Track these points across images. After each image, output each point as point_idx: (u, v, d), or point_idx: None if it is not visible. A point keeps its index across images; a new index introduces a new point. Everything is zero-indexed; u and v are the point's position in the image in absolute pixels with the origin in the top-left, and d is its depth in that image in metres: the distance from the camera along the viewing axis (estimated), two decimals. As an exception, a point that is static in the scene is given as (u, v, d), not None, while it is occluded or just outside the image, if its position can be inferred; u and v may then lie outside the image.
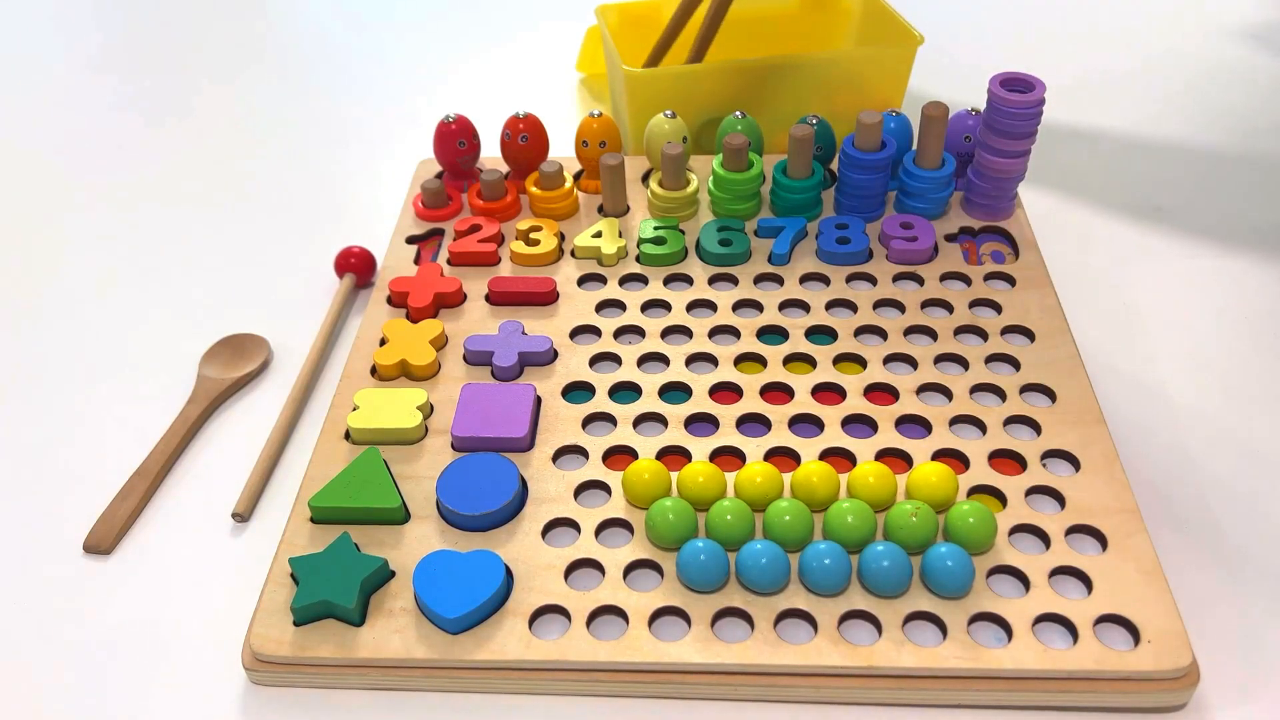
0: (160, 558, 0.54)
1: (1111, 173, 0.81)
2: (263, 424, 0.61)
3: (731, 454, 0.55)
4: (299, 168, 0.86)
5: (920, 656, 0.45)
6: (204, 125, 0.93)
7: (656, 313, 0.64)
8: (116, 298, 0.72)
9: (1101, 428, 0.55)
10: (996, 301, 0.63)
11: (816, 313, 0.63)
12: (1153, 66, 0.95)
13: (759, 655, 0.45)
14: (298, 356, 0.66)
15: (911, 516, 0.48)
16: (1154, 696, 0.45)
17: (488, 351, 0.60)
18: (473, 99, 0.94)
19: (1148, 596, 0.46)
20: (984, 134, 0.66)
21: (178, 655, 0.49)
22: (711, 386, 0.58)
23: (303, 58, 1.05)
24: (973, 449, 0.54)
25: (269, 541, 0.53)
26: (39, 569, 0.53)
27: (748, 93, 0.76)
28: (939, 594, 0.47)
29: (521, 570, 0.49)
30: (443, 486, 0.52)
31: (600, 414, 0.57)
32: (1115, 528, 0.49)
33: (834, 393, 0.58)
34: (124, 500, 0.56)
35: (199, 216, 0.80)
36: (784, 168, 0.69)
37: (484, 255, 0.68)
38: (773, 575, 0.47)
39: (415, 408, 0.56)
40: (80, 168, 0.87)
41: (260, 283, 0.73)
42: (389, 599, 0.48)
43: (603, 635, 0.47)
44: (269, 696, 0.47)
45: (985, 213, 0.69)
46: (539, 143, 0.73)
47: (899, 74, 0.77)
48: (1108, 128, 0.86)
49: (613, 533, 0.51)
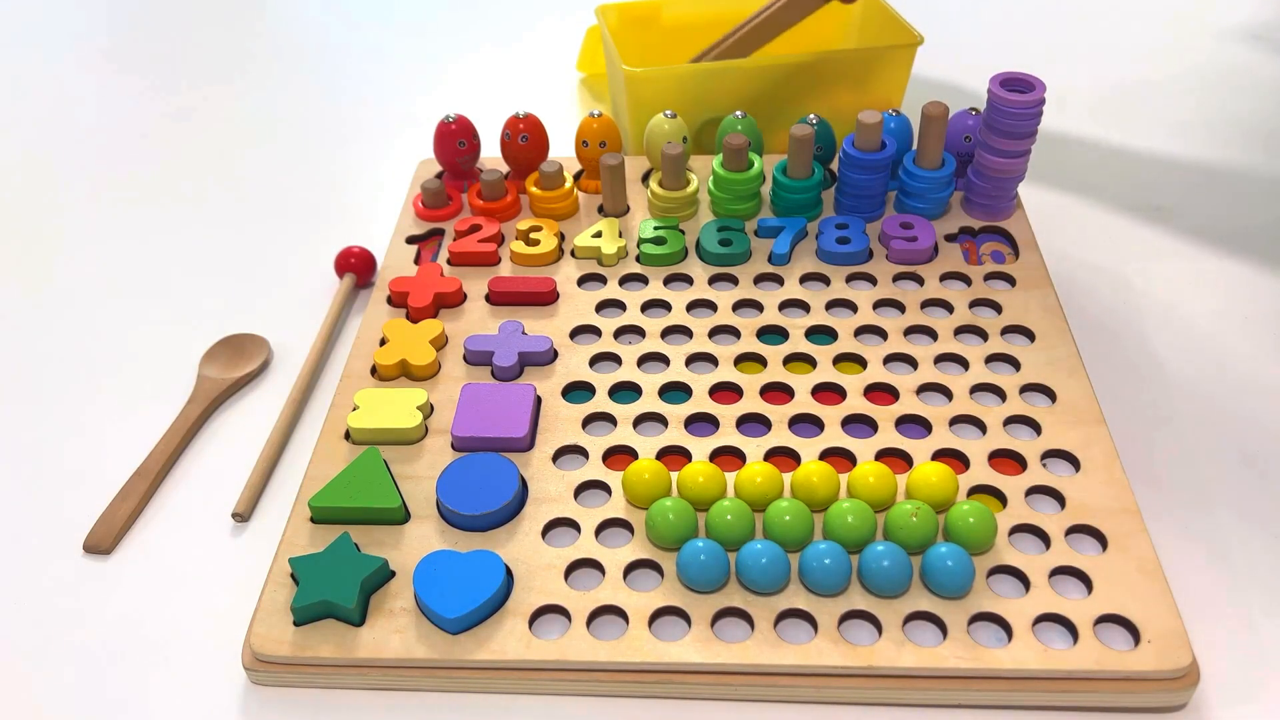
0: (160, 558, 0.54)
1: (1111, 173, 0.81)
2: (263, 424, 0.61)
3: (731, 454, 0.55)
4: (299, 168, 0.86)
5: (920, 656, 0.45)
6: (204, 125, 0.93)
7: (656, 313, 0.64)
8: (116, 298, 0.72)
9: (1101, 428, 0.55)
10: (996, 301, 0.63)
11: (816, 313, 0.63)
12: (1153, 66, 0.95)
13: (759, 655, 0.45)
14: (298, 356, 0.66)
15: (912, 516, 0.48)
16: (1154, 696, 0.45)
17: (488, 351, 0.60)
18: (473, 99, 0.94)
19: (1148, 596, 0.46)
20: (984, 134, 0.66)
21: (178, 655, 0.49)
22: (711, 386, 0.58)
23: (303, 58, 1.05)
24: (973, 449, 0.54)
25: (269, 541, 0.53)
26: (39, 569, 0.53)
27: (748, 93, 0.76)
28: (939, 594, 0.47)
29: (521, 570, 0.49)
30: (443, 486, 0.52)
31: (600, 414, 0.57)
32: (1115, 528, 0.49)
33: (834, 393, 0.58)
34: (124, 500, 0.56)
35: (199, 217, 0.80)
36: (784, 168, 0.69)
37: (484, 255, 0.68)
38: (773, 575, 0.47)
39: (415, 408, 0.56)
40: (80, 168, 0.87)
41: (260, 283, 0.73)
42: (389, 599, 0.48)
43: (603, 635, 0.47)
44: (269, 696, 0.47)
45: (985, 213, 0.69)
46: (539, 143, 0.73)
47: (899, 74, 0.77)
48: (1108, 127, 0.86)
49: (613, 533, 0.51)
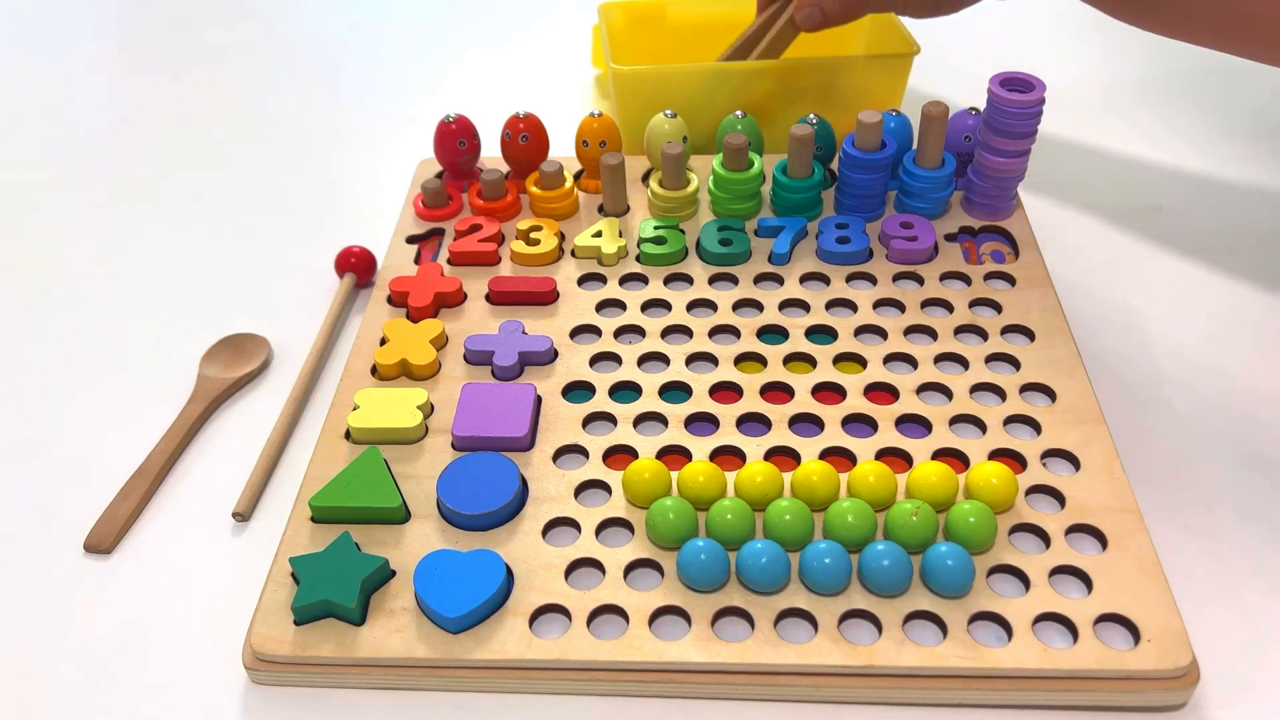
0: (160, 558, 0.54)
1: (1111, 173, 0.81)
2: (263, 424, 0.61)
3: (732, 453, 0.55)
4: (299, 167, 0.86)
5: (920, 656, 0.45)
6: (204, 124, 0.93)
7: (656, 312, 0.64)
8: (116, 298, 0.72)
9: (1101, 427, 0.55)
10: (996, 301, 0.63)
11: (816, 312, 0.63)
12: (1153, 66, 0.95)
13: (759, 655, 0.45)
14: (298, 356, 0.66)
15: (912, 516, 0.48)
16: (1154, 695, 0.45)
17: (488, 351, 0.60)
18: (473, 99, 0.94)
19: (1148, 596, 0.46)
20: (984, 134, 0.66)
21: (178, 655, 0.49)
22: (712, 386, 0.58)
23: (303, 57, 1.05)
24: (973, 448, 0.54)
25: (269, 541, 0.53)
26: (39, 569, 0.53)
27: (742, 95, 0.75)
28: (939, 593, 0.47)
29: (522, 570, 0.49)
30: (443, 486, 0.52)
31: (600, 413, 0.57)
32: (1115, 527, 0.49)
33: (834, 392, 0.58)
34: (124, 500, 0.56)
35: (200, 216, 0.80)
36: (784, 168, 0.69)
37: (484, 255, 0.68)
38: (773, 575, 0.47)
39: (415, 407, 0.56)
40: (80, 167, 0.87)
41: (260, 283, 0.73)
42: (389, 598, 0.48)
43: (603, 635, 0.47)
44: (269, 696, 0.47)
45: (985, 213, 0.69)
46: (539, 142, 0.73)
47: (895, 81, 0.77)
48: (1108, 127, 0.86)
49: (613, 532, 0.51)
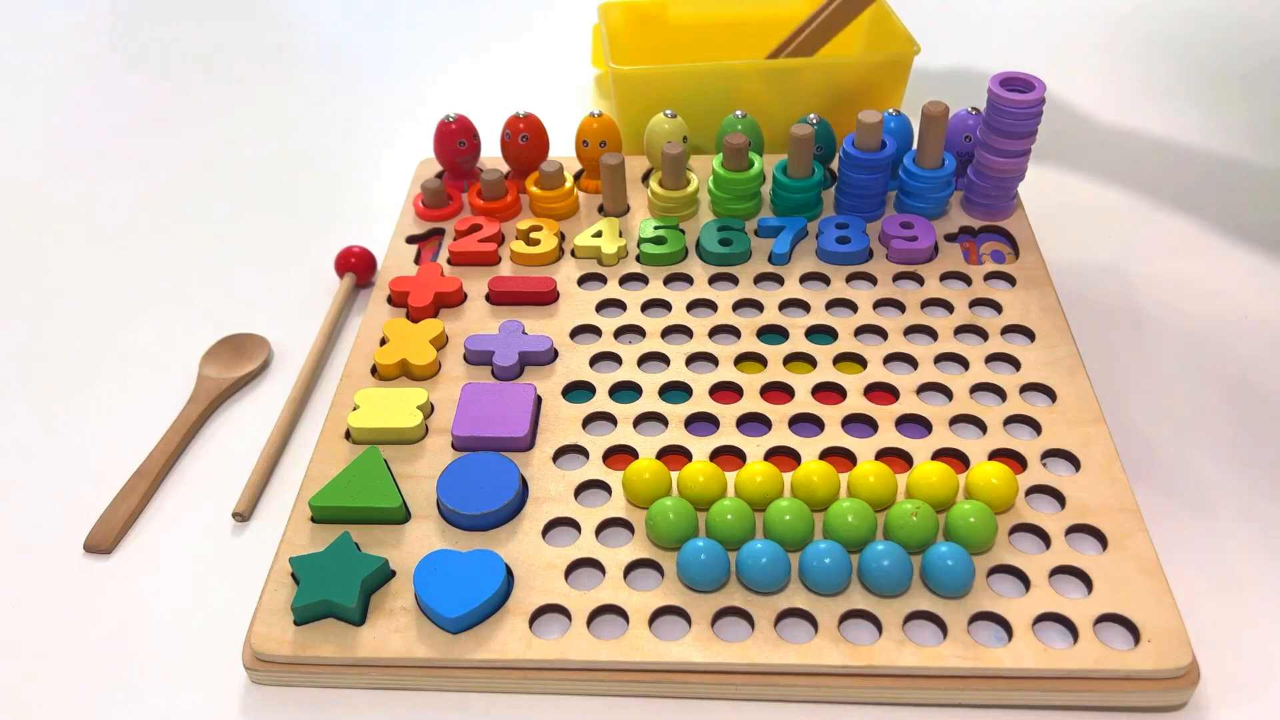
0: (160, 558, 0.54)
1: (1111, 173, 0.81)
2: (263, 424, 0.61)
3: (732, 453, 0.55)
4: (299, 168, 0.86)
5: (920, 656, 0.45)
6: (204, 125, 0.93)
7: (656, 312, 0.64)
8: (117, 297, 0.72)
9: (1101, 427, 0.55)
10: (996, 301, 0.63)
11: (816, 312, 0.63)
12: (1154, 66, 0.95)
13: (759, 655, 0.45)
14: (298, 356, 0.66)
15: (912, 516, 0.48)
16: (1154, 696, 0.45)
17: (488, 351, 0.60)
18: (473, 99, 0.94)
19: (1148, 596, 0.46)
20: (984, 134, 0.66)
21: (178, 655, 0.49)
22: (712, 386, 0.58)
23: (303, 57, 1.05)
24: (973, 449, 0.54)
25: (269, 541, 0.53)
26: (39, 569, 0.53)
27: (745, 94, 0.75)
28: (939, 593, 0.47)
29: (522, 570, 0.49)
30: (443, 486, 0.52)
31: (600, 414, 0.57)
32: (1115, 527, 0.49)
33: (834, 392, 0.58)
34: (124, 500, 0.56)
35: (199, 216, 0.80)
36: (784, 168, 0.69)
37: (484, 255, 0.68)
38: (773, 575, 0.47)
39: (415, 407, 0.56)
40: (80, 167, 0.87)
41: (260, 283, 0.73)
42: (389, 598, 0.48)
43: (603, 635, 0.47)
44: (269, 696, 0.47)
45: (985, 212, 0.69)
46: (539, 142, 0.73)
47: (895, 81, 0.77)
48: (1108, 127, 0.86)
49: (613, 532, 0.51)
